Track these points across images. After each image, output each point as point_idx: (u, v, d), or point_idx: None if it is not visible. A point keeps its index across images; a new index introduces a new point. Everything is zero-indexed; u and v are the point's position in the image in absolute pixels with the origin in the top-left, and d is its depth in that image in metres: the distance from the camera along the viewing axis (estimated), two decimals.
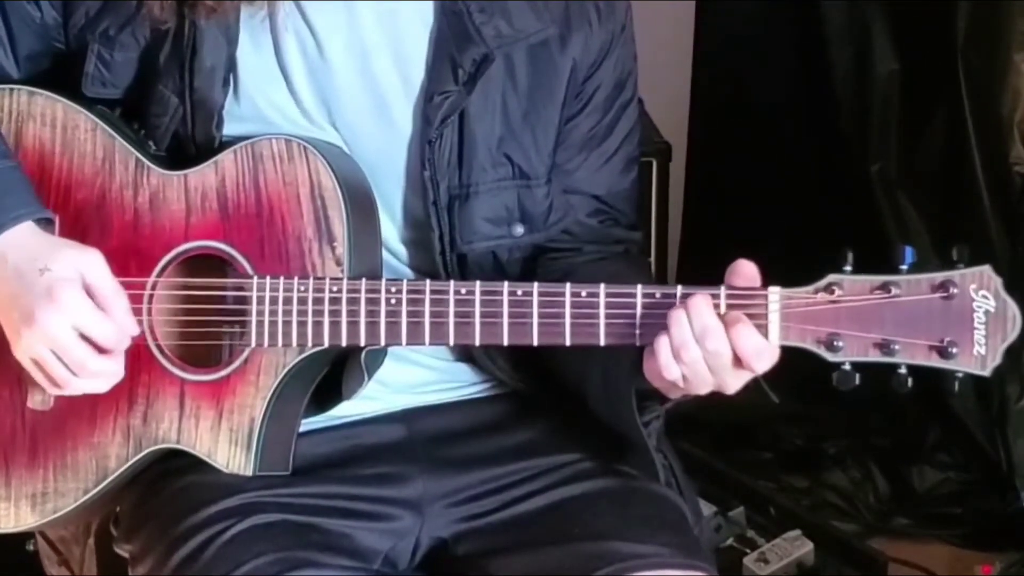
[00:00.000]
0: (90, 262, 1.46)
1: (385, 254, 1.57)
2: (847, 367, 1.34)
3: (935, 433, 2.84)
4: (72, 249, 1.46)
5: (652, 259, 2.56)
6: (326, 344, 1.45)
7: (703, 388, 1.38)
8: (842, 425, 2.89)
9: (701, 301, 1.35)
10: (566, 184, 1.63)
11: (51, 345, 1.44)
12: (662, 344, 1.36)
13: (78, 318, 1.44)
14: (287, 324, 1.45)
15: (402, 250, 1.60)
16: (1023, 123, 2.64)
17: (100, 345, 1.45)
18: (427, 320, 1.42)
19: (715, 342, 1.35)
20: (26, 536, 2.04)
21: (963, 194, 2.71)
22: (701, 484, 2.45)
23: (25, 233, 1.46)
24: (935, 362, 1.32)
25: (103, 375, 1.47)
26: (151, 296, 1.50)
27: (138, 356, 1.50)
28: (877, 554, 2.52)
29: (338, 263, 1.47)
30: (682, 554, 1.48)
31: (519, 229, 1.59)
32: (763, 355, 1.36)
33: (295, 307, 1.45)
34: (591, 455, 1.59)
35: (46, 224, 1.49)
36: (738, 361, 1.36)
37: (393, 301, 1.43)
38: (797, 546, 2.50)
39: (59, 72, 1.60)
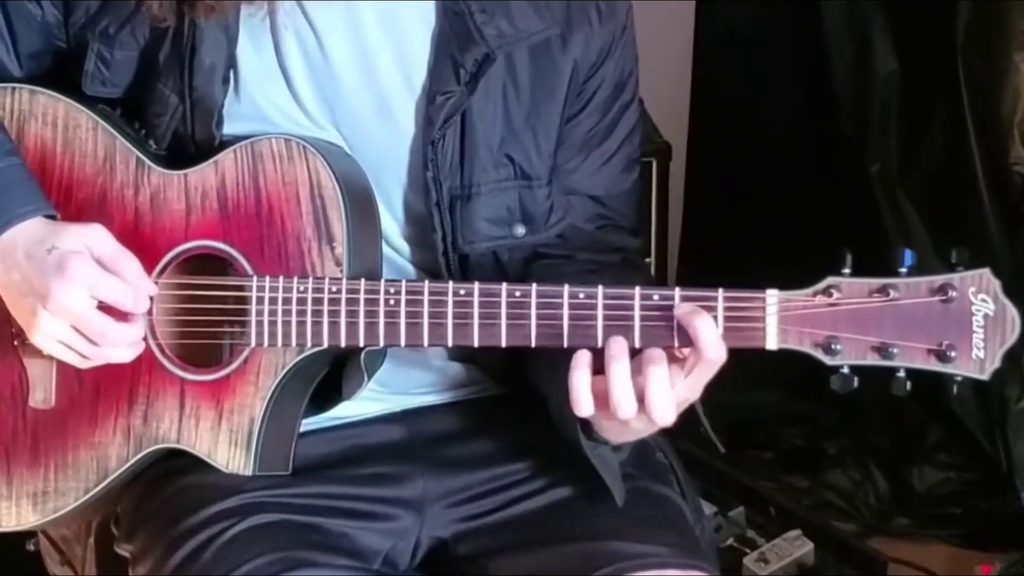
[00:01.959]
0: (95, 235, 1.46)
1: (389, 250, 1.58)
2: (845, 370, 1.33)
3: (935, 433, 2.84)
4: (75, 226, 1.47)
5: (652, 259, 2.56)
6: (325, 344, 1.45)
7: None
8: (842, 425, 2.90)
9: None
10: (566, 184, 1.62)
11: (69, 318, 1.44)
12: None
13: (91, 285, 1.44)
14: (286, 324, 1.45)
15: (405, 247, 1.61)
16: (1023, 123, 2.64)
17: (118, 307, 1.46)
18: (425, 321, 1.42)
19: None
20: (26, 536, 2.04)
21: (963, 194, 2.71)
22: (701, 484, 2.46)
23: (31, 227, 1.47)
24: (933, 366, 1.32)
25: (124, 342, 1.48)
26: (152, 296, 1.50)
27: (138, 356, 1.50)
28: (877, 554, 2.52)
29: (337, 263, 1.47)
30: (683, 554, 1.48)
31: (520, 230, 1.59)
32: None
33: (294, 307, 1.45)
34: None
35: (52, 220, 1.49)
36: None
37: (392, 302, 1.42)
38: (797, 546, 2.50)
39: (61, 70, 1.60)
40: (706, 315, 1.34)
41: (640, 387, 1.33)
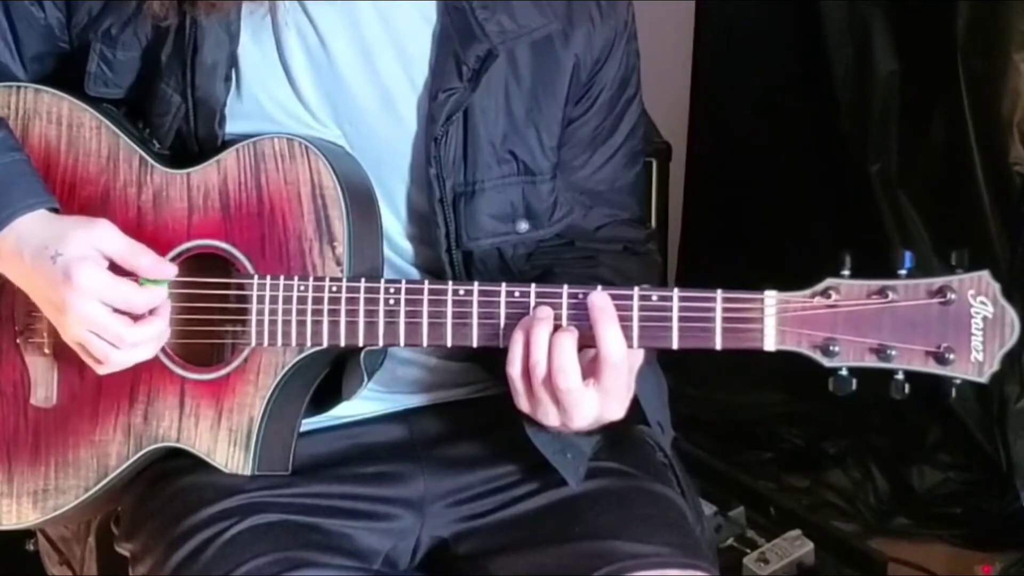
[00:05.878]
0: (102, 235, 1.46)
1: (390, 252, 1.58)
2: (844, 372, 1.33)
3: (935, 433, 2.84)
4: (80, 229, 1.45)
5: None
6: (325, 344, 1.45)
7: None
8: (842, 425, 2.90)
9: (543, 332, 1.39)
10: (571, 181, 1.63)
11: (87, 326, 1.44)
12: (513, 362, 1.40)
13: (101, 293, 1.43)
14: (286, 324, 1.46)
15: (407, 247, 1.61)
16: (1023, 123, 2.64)
17: (134, 311, 1.45)
18: (425, 320, 1.42)
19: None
20: (25, 535, 2.05)
21: (963, 194, 2.72)
22: (701, 484, 2.46)
23: (35, 221, 1.47)
24: (932, 368, 1.32)
25: (144, 343, 1.47)
26: None
27: None
28: (877, 554, 2.52)
29: (338, 263, 1.47)
30: (683, 554, 1.48)
31: (524, 225, 1.59)
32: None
33: (294, 307, 1.45)
34: (591, 454, 1.59)
35: (55, 214, 1.49)
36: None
37: (392, 301, 1.43)
38: (797, 546, 2.50)
39: (64, 72, 1.60)
40: (612, 319, 1.37)
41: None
